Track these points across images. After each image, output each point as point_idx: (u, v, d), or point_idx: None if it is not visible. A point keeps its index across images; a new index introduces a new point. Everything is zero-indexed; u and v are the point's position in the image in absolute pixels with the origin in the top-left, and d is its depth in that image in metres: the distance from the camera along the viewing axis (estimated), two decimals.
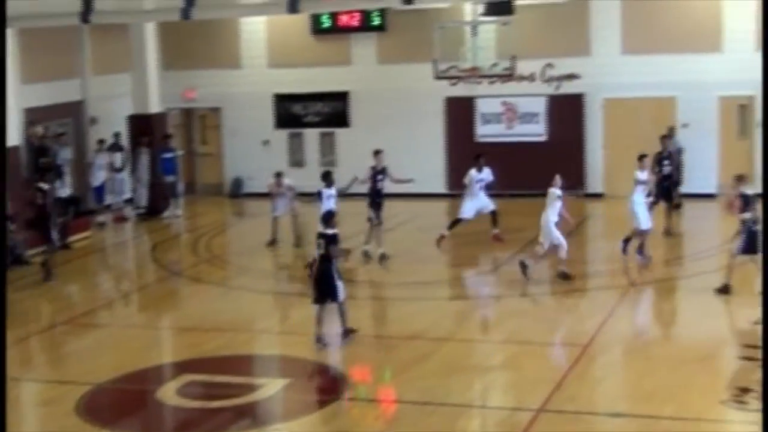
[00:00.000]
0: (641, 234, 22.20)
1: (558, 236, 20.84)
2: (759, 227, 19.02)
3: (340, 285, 17.23)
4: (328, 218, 17.64)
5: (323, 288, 17.20)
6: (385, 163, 23.78)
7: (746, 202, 19.46)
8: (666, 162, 24.95)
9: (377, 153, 23.85)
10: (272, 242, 25.18)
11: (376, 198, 23.49)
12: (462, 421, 14.04)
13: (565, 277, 20.83)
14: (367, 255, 23.04)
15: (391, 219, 24.32)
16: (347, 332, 17.41)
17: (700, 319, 18.83)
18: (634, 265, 21.75)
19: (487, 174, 24.46)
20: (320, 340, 17.28)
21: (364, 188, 23.49)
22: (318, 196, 22.01)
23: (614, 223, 25.84)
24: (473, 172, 24.35)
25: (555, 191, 21.01)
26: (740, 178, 19.76)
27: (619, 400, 14.54)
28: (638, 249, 22.21)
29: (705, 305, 19.36)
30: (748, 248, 19.28)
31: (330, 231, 17.35)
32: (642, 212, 22.17)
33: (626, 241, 22.34)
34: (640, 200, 22.22)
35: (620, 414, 13.89)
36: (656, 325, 18.55)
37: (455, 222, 24.45)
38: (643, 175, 22.47)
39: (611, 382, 15.49)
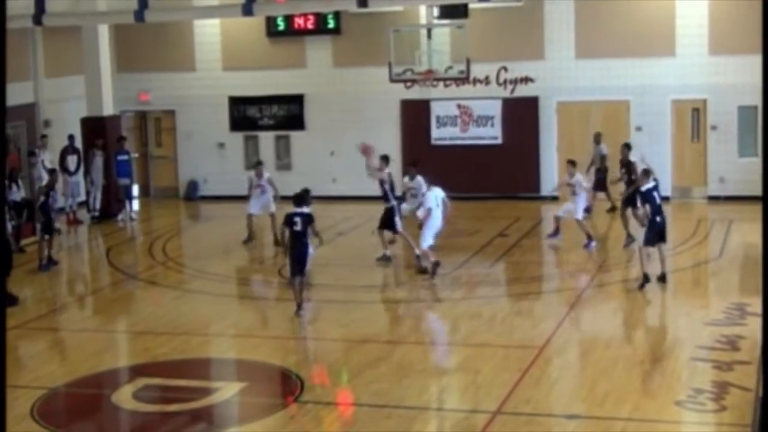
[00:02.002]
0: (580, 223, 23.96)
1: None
2: (659, 218, 20.10)
3: (307, 263, 19.12)
4: (302, 199, 19.04)
5: (300, 262, 18.87)
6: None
7: (645, 197, 20.18)
8: (623, 171, 25.10)
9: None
10: (248, 240, 25.05)
11: None
12: (418, 424, 14.04)
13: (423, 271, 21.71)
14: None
15: (344, 222, 24.33)
16: (300, 307, 19.07)
17: (653, 320, 18.99)
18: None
19: (418, 183, 23.52)
20: (300, 309, 19.00)
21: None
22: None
23: (568, 226, 25.92)
24: (405, 179, 24.40)
25: None
26: (647, 173, 20.67)
27: (575, 402, 14.61)
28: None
29: (658, 307, 19.54)
30: (652, 239, 20.11)
31: (306, 210, 18.88)
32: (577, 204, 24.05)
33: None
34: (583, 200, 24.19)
35: (576, 416, 13.95)
36: (610, 327, 18.62)
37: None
38: (572, 179, 24.18)
39: (567, 384, 15.56)
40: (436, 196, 21.92)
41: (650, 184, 20.36)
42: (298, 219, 18.84)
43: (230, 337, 18.84)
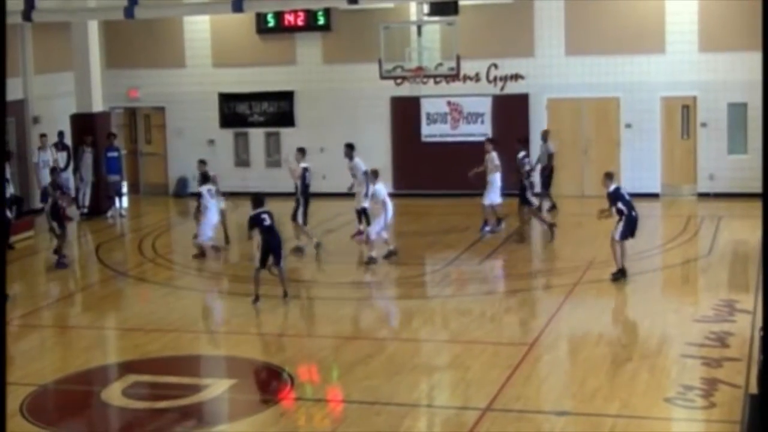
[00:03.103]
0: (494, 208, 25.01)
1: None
2: (635, 213, 20.49)
3: (282, 252, 20.02)
4: (262, 200, 19.96)
5: (268, 256, 19.67)
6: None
7: (615, 196, 20.51)
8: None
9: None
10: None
11: None
12: (408, 421, 14.03)
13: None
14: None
15: (334, 219, 24.33)
16: (287, 294, 19.87)
17: (643, 317, 18.99)
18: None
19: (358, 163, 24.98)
20: (258, 300, 19.65)
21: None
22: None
23: (559, 222, 25.98)
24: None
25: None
26: (609, 176, 21.11)
27: (565, 399, 14.62)
28: (496, 222, 24.86)
29: (648, 304, 19.56)
30: (628, 234, 20.49)
31: (267, 208, 19.87)
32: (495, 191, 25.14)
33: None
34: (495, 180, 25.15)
35: (566, 412, 13.96)
36: (600, 323, 18.63)
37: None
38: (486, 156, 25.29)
39: (556, 381, 15.57)
40: (382, 190, 23.05)
41: (614, 185, 20.62)
42: (266, 215, 19.71)
43: (220, 334, 18.84)
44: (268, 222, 19.67)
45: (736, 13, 27.72)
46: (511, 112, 30.11)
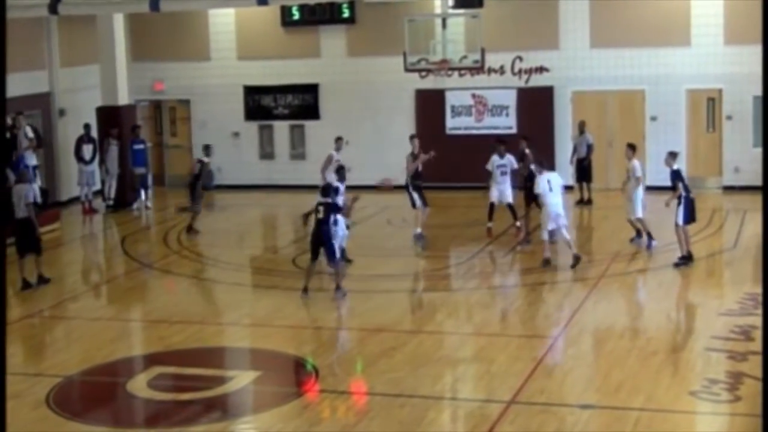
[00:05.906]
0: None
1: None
2: (692, 196, 20.95)
3: (335, 247, 19.47)
4: (327, 190, 19.73)
5: (317, 249, 19.42)
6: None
7: (678, 176, 20.96)
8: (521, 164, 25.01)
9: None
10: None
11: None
12: (432, 413, 14.05)
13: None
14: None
15: (359, 212, 24.27)
16: (339, 288, 19.59)
17: (668, 311, 18.95)
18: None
19: (508, 160, 24.44)
20: (306, 292, 19.44)
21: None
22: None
23: (582, 215, 25.97)
24: (495, 157, 24.47)
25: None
26: (673, 155, 21.58)
27: (589, 392, 14.60)
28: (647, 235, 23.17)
29: (673, 297, 19.52)
30: (689, 216, 20.92)
31: (329, 200, 19.50)
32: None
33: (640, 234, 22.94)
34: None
35: (590, 405, 13.94)
36: (624, 317, 18.60)
37: (490, 209, 24.46)
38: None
39: (581, 374, 15.54)
40: None
41: (677, 165, 21.18)
42: (321, 208, 19.47)
43: (244, 326, 18.85)
44: (320, 215, 19.47)
45: (762, 6, 27.53)
46: (536, 104, 30.08)
